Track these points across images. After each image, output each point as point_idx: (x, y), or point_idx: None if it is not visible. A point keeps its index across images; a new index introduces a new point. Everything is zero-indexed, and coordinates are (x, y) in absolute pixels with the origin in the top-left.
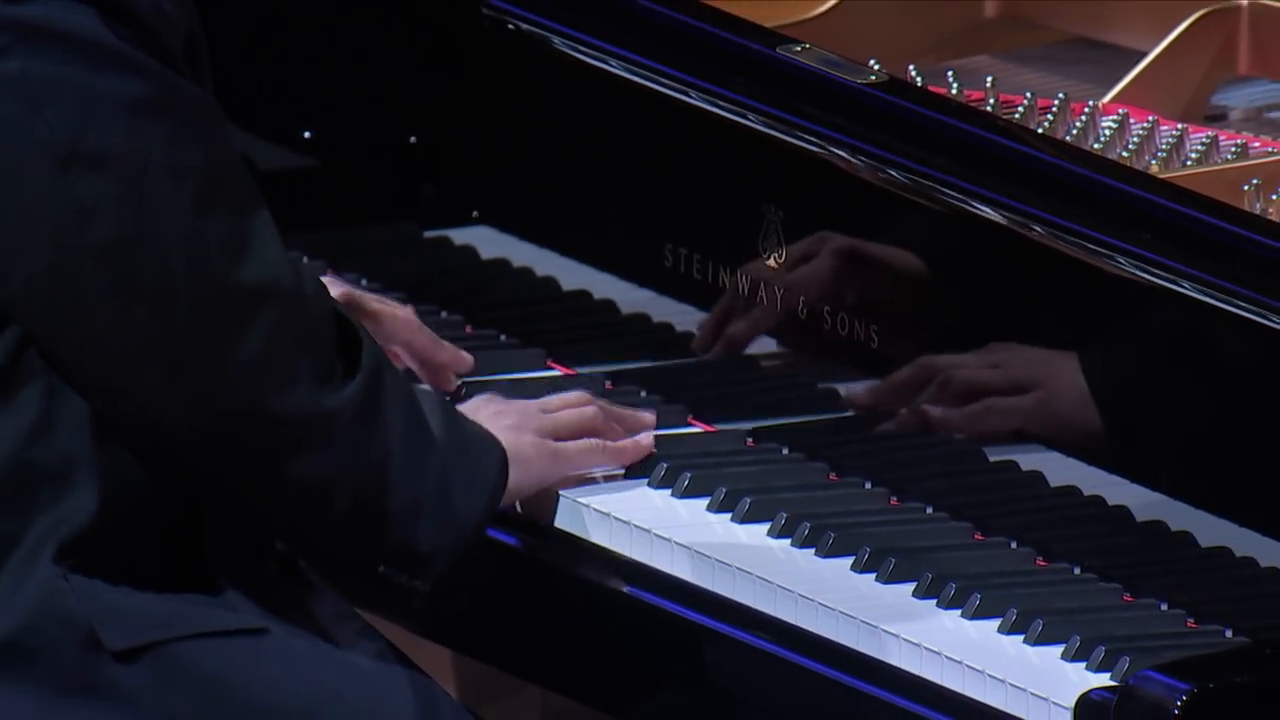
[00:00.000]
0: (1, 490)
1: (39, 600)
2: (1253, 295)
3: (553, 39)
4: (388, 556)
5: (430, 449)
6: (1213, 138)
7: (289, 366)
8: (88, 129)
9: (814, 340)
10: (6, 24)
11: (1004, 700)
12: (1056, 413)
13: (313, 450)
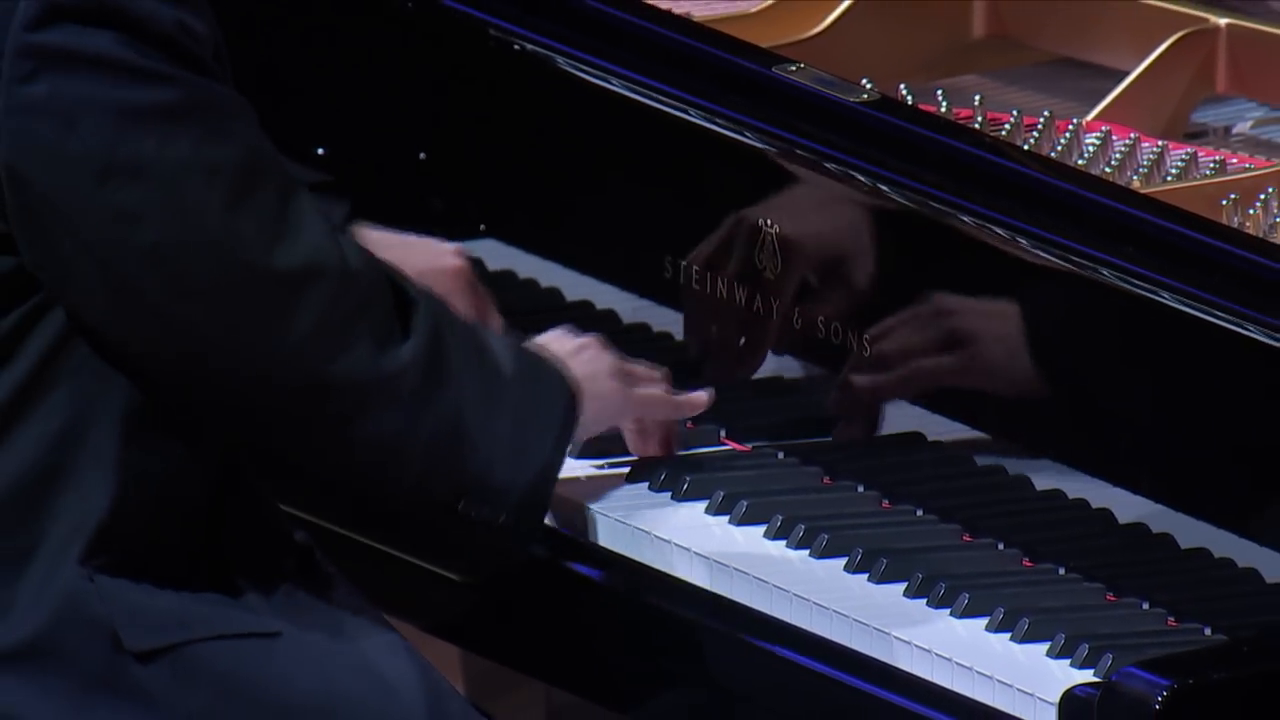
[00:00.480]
0: (30, 492)
1: (65, 601)
2: (1231, 306)
3: (556, 59)
4: (466, 493)
5: (502, 389)
6: (1192, 154)
7: (344, 337)
8: (120, 141)
9: (809, 348)
10: (31, 50)
11: (991, 696)
12: (989, 357)
13: (381, 411)
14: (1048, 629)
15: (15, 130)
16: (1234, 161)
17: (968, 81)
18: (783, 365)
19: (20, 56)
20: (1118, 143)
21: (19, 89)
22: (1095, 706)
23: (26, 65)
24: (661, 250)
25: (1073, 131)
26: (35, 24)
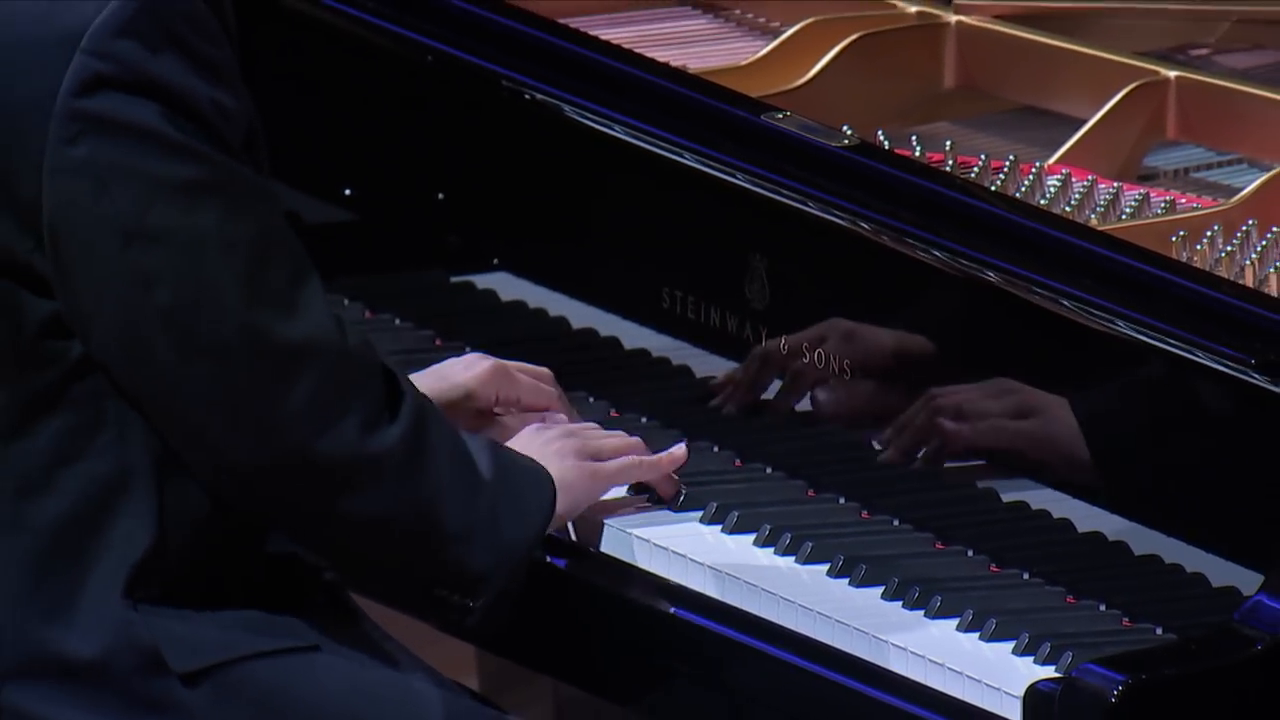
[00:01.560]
0: (79, 529)
1: (113, 630)
2: (1180, 334)
3: (564, 108)
4: (441, 580)
5: (479, 483)
6: (1144, 195)
7: (334, 413)
8: (148, 208)
9: (798, 369)
10: (77, 115)
11: (962, 690)
12: (1010, 438)
13: (364, 489)
14: (1013, 629)
15: (56, 188)
16: (1183, 201)
17: (939, 128)
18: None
19: (66, 119)
20: (1077, 184)
21: (63, 150)
22: (1056, 700)
23: (71, 128)
24: (659, 282)
25: (1036, 174)
26: (82, 90)
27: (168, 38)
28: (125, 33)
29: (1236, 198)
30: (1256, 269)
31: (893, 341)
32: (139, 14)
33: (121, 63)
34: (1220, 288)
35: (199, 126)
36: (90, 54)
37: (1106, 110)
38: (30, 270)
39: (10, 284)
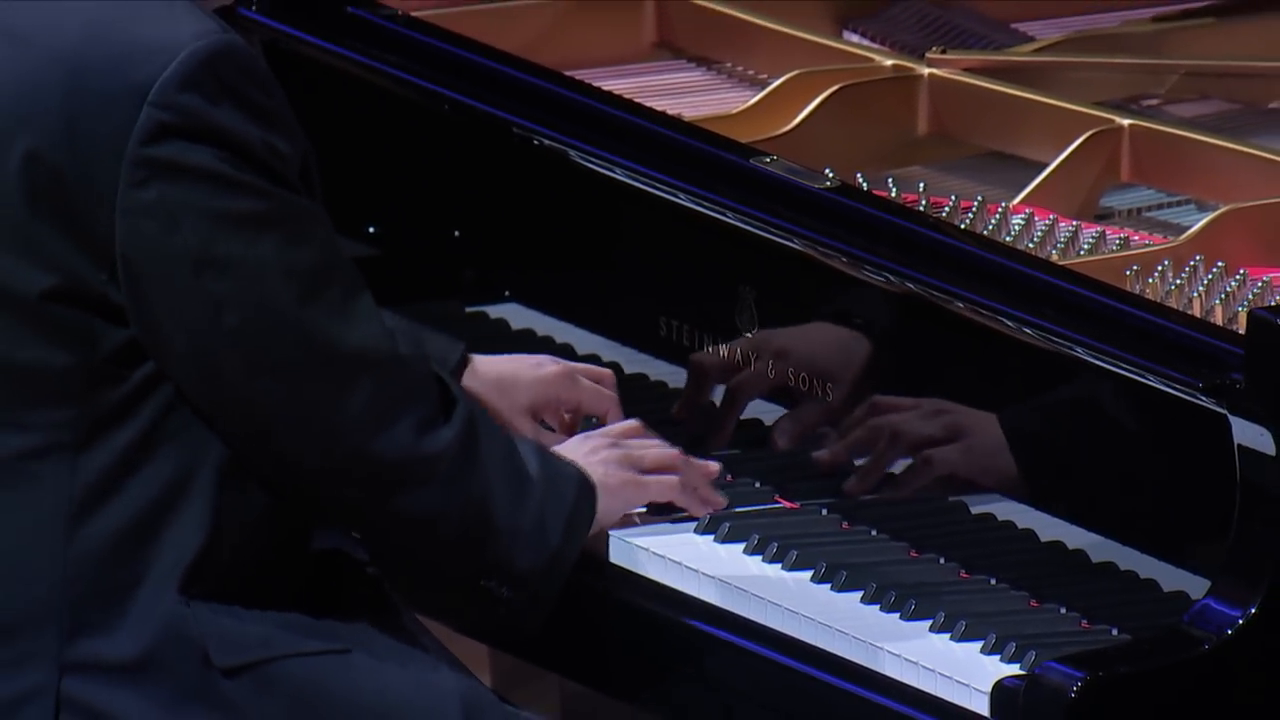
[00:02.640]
0: (141, 531)
1: (165, 624)
2: (1134, 359)
3: (570, 152)
4: (489, 573)
5: (527, 484)
6: (1101, 232)
7: (390, 417)
8: (214, 241)
9: (782, 395)
10: (145, 161)
11: (934, 686)
12: (974, 458)
13: (417, 488)
14: (981, 629)
15: (129, 227)
16: (1136, 239)
17: (913, 171)
18: (762, 409)
19: (135, 165)
20: (1039, 223)
21: (133, 192)
22: (1021, 695)
23: (140, 173)
24: (657, 312)
25: (1002, 213)
26: (149, 139)
27: (225, 90)
28: (188, 87)
29: (1184, 235)
30: (1203, 300)
31: (870, 366)
32: (200, 69)
33: (185, 113)
34: (1170, 317)
35: (255, 166)
36: (156, 106)
37: (1066, 155)
38: (104, 300)
39: (84, 313)
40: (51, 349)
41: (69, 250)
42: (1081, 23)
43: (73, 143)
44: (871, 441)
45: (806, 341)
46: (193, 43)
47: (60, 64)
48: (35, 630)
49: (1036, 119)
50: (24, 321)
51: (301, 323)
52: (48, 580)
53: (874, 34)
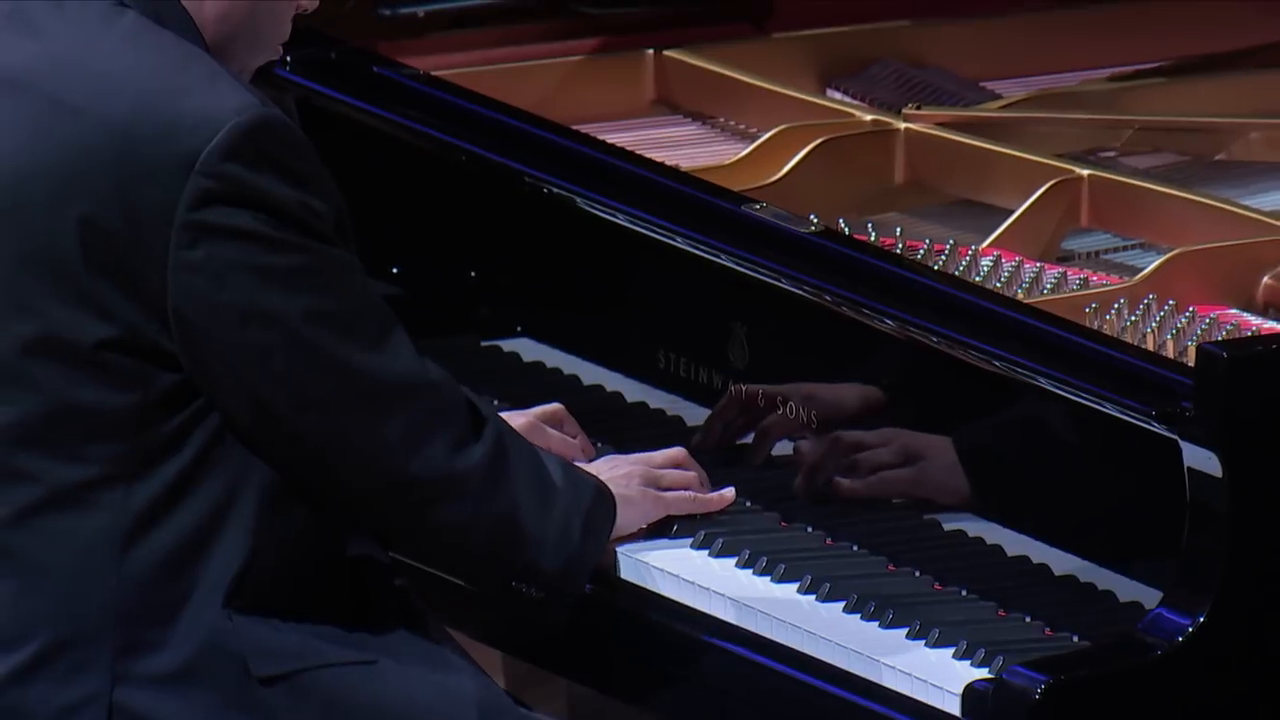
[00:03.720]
0: (189, 550)
1: (208, 637)
2: (1093, 389)
3: (576, 200)
4: (518, 575)
5: (551, 493)
6: (1063, 273)
7: (425, 439)
8: (258, 295)
9: (771, 419)
10: (193, 225)
11: (910, 688)
12: (939, 479)
13: (452, 501)
14: (953, 636)
15: (180, 284)
16: (1094, 279)
17: (891, 217)
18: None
19: (184, 229)
20: (1006, 264)
21: (183, 253)
22: (990, 697)
23: (188, 236)
24: (656, 346)
25: (972, 255)
26: (195, 205)
27: (264, 158)
28: (230, 157)
29: (1139, 276)
30: (1156, 335)
31: (852, 396)
32: (241, 140)
33: (228, 181)
34: (1126, 351)
35: (292, 225)
36: (202, 175)
37: (1030, 203)
38: (155, 348)
39: (137, 360)
40: (108, 391)
41: (123, 304)
42: (1044, 81)
43: (125, 208)
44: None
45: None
46: (234, 116)
47: (112, 135)
48: (90, 643)
49: (1003, 169)
50: (83, 367)
51: (341, 362)
52: (102, 598)
53: (854, 91)
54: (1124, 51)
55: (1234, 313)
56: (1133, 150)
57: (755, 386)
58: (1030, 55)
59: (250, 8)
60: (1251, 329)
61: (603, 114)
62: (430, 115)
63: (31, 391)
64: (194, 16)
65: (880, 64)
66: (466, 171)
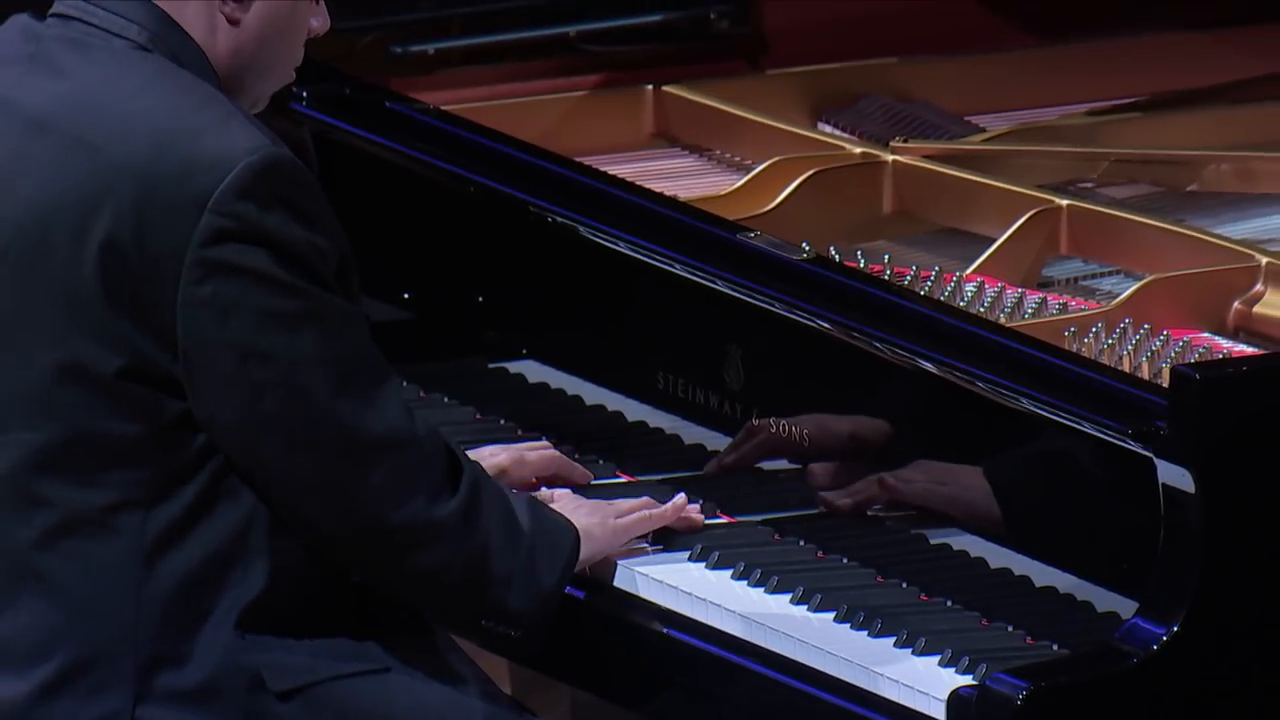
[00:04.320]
0: (206, 574)
1: (225, 654)
2: (1072, 409)
3: (579, 228)
4: (487, 615)
5: (519, 536)
6: (1043, 299)
7: (406, 490)
8: (259, 335)
9: (765, 438)
10: (204, 261)
11: (898, 694)
12: (939, 497)
13: (427, 548)
14: (939, 645)
15: (187, 318)
16: (1073, 304)
17: (879, 245)
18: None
19: (195, 265)
20: (989, 290)
21: (193, 288)
22: (974, 703)
23: (199, 272)
24: (655, 367)
25: (956, 281)
26: (207, 242)
27: (275, 198)
28: (243, 196)
29: (1115, 301)
30: (1132, 358)
31: (844, 420)
32: (253, 180)
33: (239, 219)
34: (1103, 372)
35: (300, 267)
36: (215, 213)
37: (1011, 231)
38: (168, 378)
39: (152, 390)
40: (124, 420)
41: (139, 336)
42: (1025, 115)
43: (142, 243)
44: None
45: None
46: (246, 157)
47: (131, 173)
48: (113, 661)
49: (986, 199)
50: (101, 396)
51: (332, 411)
52: (123, 617)
53: (844, 125)
54: (1100, 87)
55: (1206, 336)
56: (1109, 181)
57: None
58: (1011, 91)
59: (259, 41)
60: (1223, 352)
61: (604, 146)
62: (440, 148)
63: (56, 419)
64: (207, 52)
65: (869, 99)
66: (475, 201)
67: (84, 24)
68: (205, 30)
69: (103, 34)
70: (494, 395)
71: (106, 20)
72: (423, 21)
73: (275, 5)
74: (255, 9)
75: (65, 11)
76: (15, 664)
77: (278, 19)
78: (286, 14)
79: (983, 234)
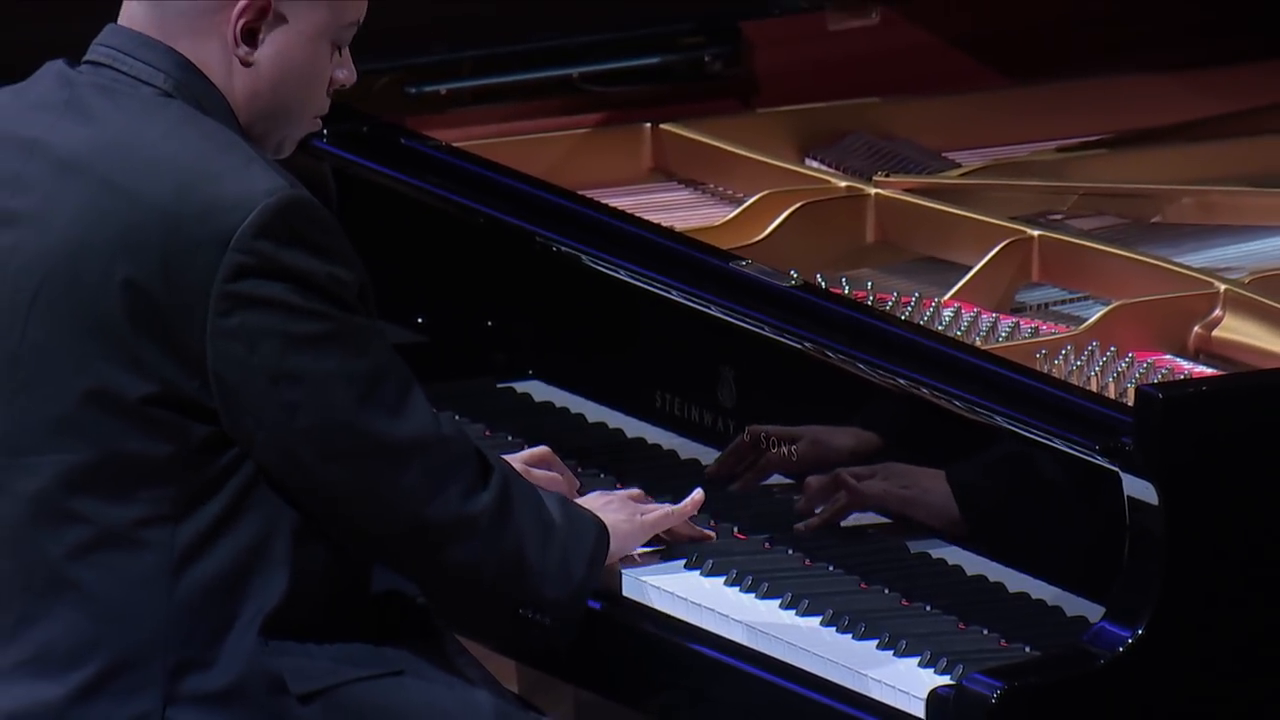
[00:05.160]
0: (229, 583)
1: (249, 660)
2: (1043, 426)
3: (582, 257)
4: (525, 604)
5: (551, 530)
6: (1016, 323)
7: (438, 488)
8: (286, 357)
9: (755, 453)
10: (228, 295)
11: (880, 693)
12: (917, 506)
13: (464, 542)
14: (919, 647)
15: (217, 349)
16: (1044, 328)
17: (863, 273)
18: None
19: (220, 299)
20: (965, 315)
21: (219, 321)
22: (951, 701)
23: (224, 305)
24: (653, 387)
25: (935, 307)
26: (230, 278)
27: (292, 235)
28: (262, 234)
29: (1083, 325)
30: (1099, 378)
31: (829, 434)
32: (271, 219)
33: (259, 255)
34: (1072, 392)
35: (319, 295)
36: (236, 251)
37: (987, 260)
38: (195, 403)
39: (178, 414)
40: (153, 442)
41: (165, 364)
42: (999, 151)
43: (169, 279)
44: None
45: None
46: (265, 198)
47: (157, 214)
48: (144, 665)
49: (963, 230)
50: (130, 419)
51: (361, 421)
52: (154, 624)
53: (830, 160)
54: (1069, 126)
55: (1169, 358)
56: (1078, 213)
57: (759, 428)
58: (986, 129)
59: (274, 84)
60: (1184, 373)
61: (606, 181)
62: (452, 182)
63: (86, 441)
64: (227, 97)
65: (853, 136)
66: (484, 232)
67: (114, 71)
68: (224, 74)
69: (131, 81)
70: (502, 413)
71: (135, 68)
72: (436, 63)
73: (288, 48)
74: (267, 51)
75: (97, 59)
76: (53, 669)
77: (291, 62)
78: (301, 59)
79: (959, 262)
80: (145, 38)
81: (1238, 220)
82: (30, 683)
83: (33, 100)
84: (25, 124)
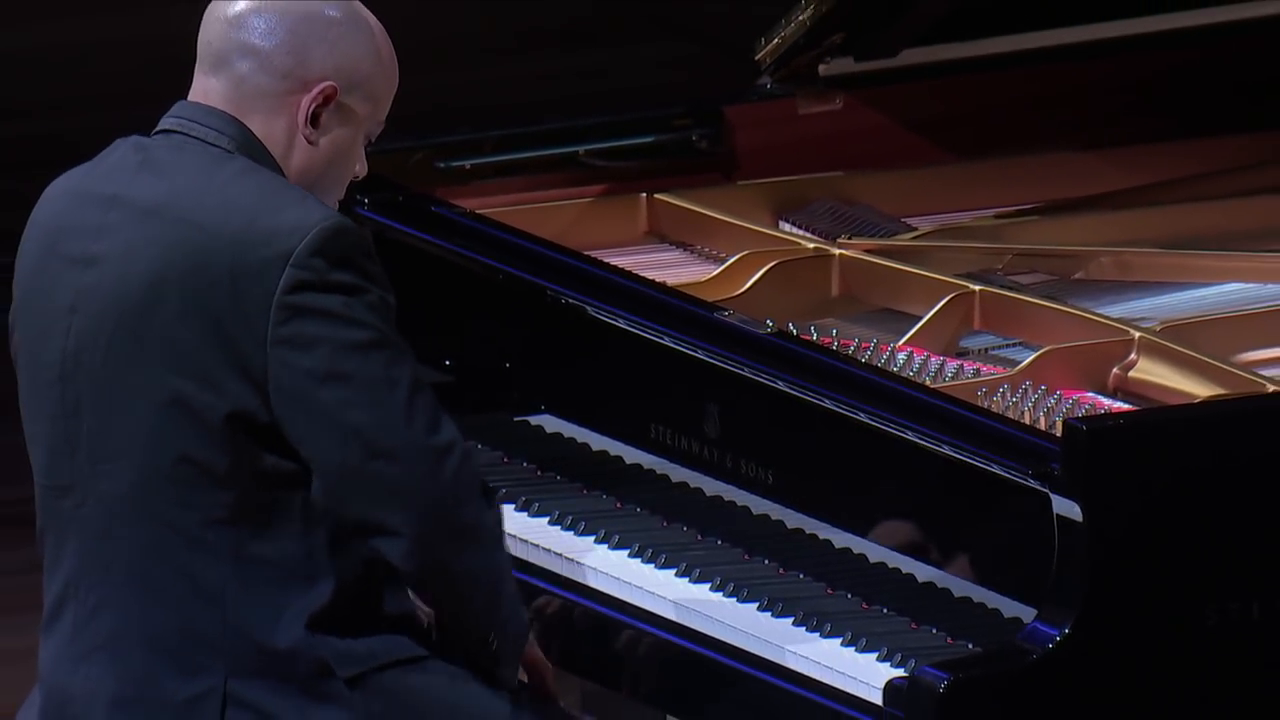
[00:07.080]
0: (278, 587)
1: (299, 646)
2: (984, 453)
3: (587, 308)
4: (497, 628)
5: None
6: (960, 365)
7: (469, 490)
8: (336, 362)
9: (736, 478)
10: (286, 306)
11: (843, 683)
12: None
13: (475, 548)
14: (877, 644)
15: (275, 355)
16: (984, 370)
17: (829, 322)
18: (721, 488)
19: (279, 309)
20: (917, 358)
21: (278, 329)
22: (905, 690)
23: (282, 315)
24: (649, 419)
25: (890, 351)
26: (288, 290)
27: (342, 256)
28: (316, 254)
29: (1018, 367)
30: (1031, 413)
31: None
32: (326, 241)
33: (315, 271)
34: (1009, 424)
35: (367, 307)
36: (295, 267)
37: (935, 311)
38: (255, 419)
39: (241, 429)
40: (218, 453)
41: (233, 381)
42: (946, 217)
43: (236, 298)
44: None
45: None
46: (321, 223)
47: (227, 242)
48: (209, 649)
49: (915, 285)
50: (202, 433)
51: (405, 421)
52: (215, 614)
53: (800, 223)
54: (1006, 195)
55: (1091, 396)
56: (1013, 270)
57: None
58: (936, 197)
59: (325, 164)
60: (1105, 408)
61: (607, 242)
62: (476, 244)
63: (160, 451)
64: (281, 164)
65: (819, 202)
66: (503, 287)
67: (183, 135)
68: (284, 148)
69: (199, 143)
70: (517, 442)
71: (203, 133)
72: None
73: (342, 137)
74: (329, 137)
75: (168, 128)
76: (125, 651)
77: (341, 147)
78: (347, 145)
79: (911, 313)
80: (215, 110)
81: (1150, 277)
82: (105, 664)
83: (109, 166)
84: (104, 183)
